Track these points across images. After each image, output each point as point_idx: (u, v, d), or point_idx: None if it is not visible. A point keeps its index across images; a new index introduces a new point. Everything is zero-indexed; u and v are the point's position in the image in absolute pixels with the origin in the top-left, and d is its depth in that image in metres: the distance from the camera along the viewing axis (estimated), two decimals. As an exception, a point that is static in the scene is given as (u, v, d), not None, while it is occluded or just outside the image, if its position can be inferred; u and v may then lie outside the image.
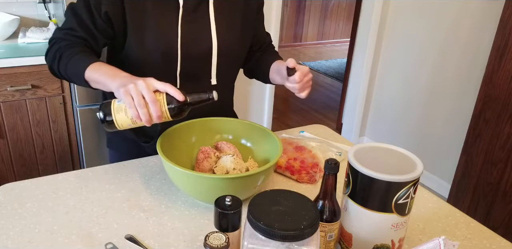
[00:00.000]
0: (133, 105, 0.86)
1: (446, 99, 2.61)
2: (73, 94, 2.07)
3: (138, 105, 0.86)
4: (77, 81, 1.05)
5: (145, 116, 0.87)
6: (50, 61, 1.10)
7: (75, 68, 1.03)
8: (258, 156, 1.13)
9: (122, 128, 0.92)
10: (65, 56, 1.05)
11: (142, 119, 0.88)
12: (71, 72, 1.05)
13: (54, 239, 0.88)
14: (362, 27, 3.02)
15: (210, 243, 0.71)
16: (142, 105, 0.86)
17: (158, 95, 0.89)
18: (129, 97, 0.87)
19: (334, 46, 6.31)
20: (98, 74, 0.99)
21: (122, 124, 0.90)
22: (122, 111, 0.89)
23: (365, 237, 0.80)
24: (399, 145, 0.86)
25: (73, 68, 1.04)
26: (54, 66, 1.09)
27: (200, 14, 1.13)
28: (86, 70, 1.00)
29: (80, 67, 1.02)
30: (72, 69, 1.04)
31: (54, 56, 1.08)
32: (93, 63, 1.01)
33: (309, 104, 4.19)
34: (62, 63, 1.06)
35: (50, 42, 1.11)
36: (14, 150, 2.08)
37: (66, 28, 1.10)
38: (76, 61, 1.04)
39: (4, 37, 2.18)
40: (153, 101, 0.87)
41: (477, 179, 2.12)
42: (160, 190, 1.06)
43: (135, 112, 0.87)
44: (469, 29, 2.41)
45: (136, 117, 0.88)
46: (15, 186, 1.05)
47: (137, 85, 0.87)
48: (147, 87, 0.87)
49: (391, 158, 0.83)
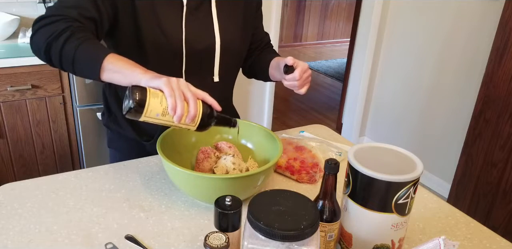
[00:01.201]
0: (173, 95, 0.82)
1: (446, 99, 2.61)
2: (73, 94, 2.07)
3: (179, 97, 0.82)
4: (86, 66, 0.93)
5: (181, 110, 0.82)
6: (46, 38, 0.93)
7: (90, 52, 0.93)
8: (258, 156, 1.13)
9: (146, 117, 0.84)
10: (76, 37, 0.93)
11: (177, 112, 0.82)
12: (82, 55, 0.92)
13: (54, 239, 0.88)
14: (362, 27, 3.02)
15: (210, 243, 0.71)
16: (183, 98, 0.83)
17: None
18: (171, 87, 0.82)
19: (334, 46, 6.31)
20: (124, 63, 0.90)
21: (151, 111, 0.82)
22: (158, 98, 0.83)
23: (365, 237, 0.80)
24: (399, 145, 0.86)
25: (88, 52, 0.93)
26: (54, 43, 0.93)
27: (203, 12, 1.15)
28: (107, 55, 0.91)
29: (99, 52, 0.92)
30: (84, 52, 0.92)
31: (58, 35, 0.93)
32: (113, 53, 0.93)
33: (309, 104, 4.19)
34: (70, 44, 0.92)
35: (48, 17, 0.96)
36: (14, 150, 2.08)
37: (76, 6, 0.98)
38: (92, 45, 0.94)
39: (4, 37, 2.18)
40: (194, 99, 0.84)
41: (477, 179, 2.12)
42: (160, 190, 1.06)
43: (173, 102, 0.82)
44: (469, 29, 2.41)
45: (172, 108, 0.82)
46: (15, 186, 1.05)
47: (180, 81, 0.85)
48: (189, 87, 0.86)
49: (391, 158, 0.83)
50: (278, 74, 1.18)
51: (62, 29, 0.93)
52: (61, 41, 0.92)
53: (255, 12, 1.27)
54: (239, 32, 1.22)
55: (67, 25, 0.94)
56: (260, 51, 1.34)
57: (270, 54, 1.29)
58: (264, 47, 1.35)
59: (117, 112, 1.27)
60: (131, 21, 1.08)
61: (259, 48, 1.34)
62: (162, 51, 1.12)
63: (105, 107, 1.32)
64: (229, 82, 1.31)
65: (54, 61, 0.96)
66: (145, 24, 1.09)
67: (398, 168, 0.80)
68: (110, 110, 1.30)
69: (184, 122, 0.85)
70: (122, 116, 1.24)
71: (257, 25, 1.31)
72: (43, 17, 0.97)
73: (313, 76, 5.02)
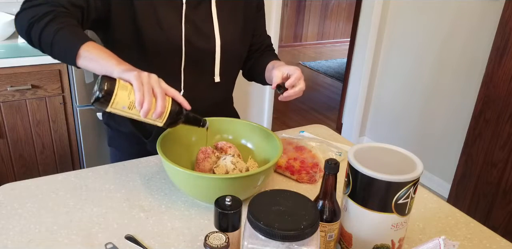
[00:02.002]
0: (141, 89, 0.81)
1: (446, 99, 2.61)
2: (73, 94, 2.07)
3: (147, 92, 0.81)
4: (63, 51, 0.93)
5: (148, 105, 0.81)
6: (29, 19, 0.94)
7: (69, 37, 0.92)
8: (258, 156, 1.13)
9: (112, 108, 0.83)
10: (59, 21, 0.93)
11: (144, 107, 0.81)
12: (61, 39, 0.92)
13: (54, 239, 0.88)
14: (362, 27, 3.02)
15: (210, 243, 0.71)
16: (151, 93, 0.82)
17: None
18: (140, 81, 0.82)
19: (334, 46, 6.32)
20: (101, 52, 0.90)
21: (117, 103, 0.82)
22: (126, 90, 0.82)
23: (365, 237, 0.80)
24: (399, 145, 0.86)
25: (67, 37, 0.92)
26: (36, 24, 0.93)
27: (203, 12, 1.15)
28: (85, 43, 0.91)
29: (78, 38, 0.92)
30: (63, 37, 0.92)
31: (41, 17, 0.94)
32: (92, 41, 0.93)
33: (309, 104, 4.19)
34: (51, 27, 0.92)
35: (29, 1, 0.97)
36: (14, 150, 2.08)
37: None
38: (73, 31, 0.93)
39: (4, 37, 2.18)
40: (163, 96, 0.83)
41: (477, 179, 2.12)
42: (160, 190, 1.06)
43: (141, 97, 0.81)
44: (469, 29, 2.41)
45: (139, 102, 0.81)
46: (15, 186, 1.05)
47: (151, 76, 0.84)
48: (160, 83, 0.85)
49: (391, 158, 0.83)
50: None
51: (46, 12, 0.94)
52: (43, 23, 0.93)
53: (255, 13, 1.27)
54: (239, 32, 1.21)
55: (51, 9, 0.95)
56: (260, 53, 1.33)
57: (269, 57, 1.28)
58: (264, 50, 1.35)
59: None
60: (130, 20, 1.09)
61: (259, 51, 1.33)
62: (162, 50, 1.12)
63: None
64: (230, 83, 1.31)
65: (34, 42, 0.96)
66: (144, 23, 1.09)
67: (398, 168, 0.80)
68: None
69: (151, 118, 0.84)
70: None
71: (257, 26, 1.30)
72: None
73: (313, 76, 5.03)
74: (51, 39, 0.93)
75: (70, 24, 0.95)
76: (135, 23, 1.09)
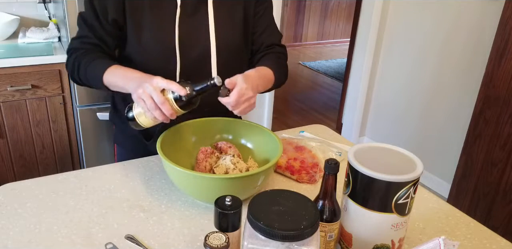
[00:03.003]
0: (146, 109, 0.94)
1: (446, 99, 2.61)
2: (73, 94, 2.07)
3: (152, 109, 0.93)
4: (98, 87, 1.11)
5: (161, 116, 0.94)
6: (70, 71, 1.16)
7: (93, 75, 1.09)
8: (258, 156, 1.13)
9: (148, 127, 1.02)
10: (82, 64, 1.11)
11: (160, 119, 0.95)
12: (91, 79, 1.11)
13: (54, 239, 0.88)
14: (362, 27, 3.02)
15: (210, 243, 0.71)
16: (154, 108, 0.93)
17: (166, 93, 0.94)
18: (142, 102, 0.94)
19: (334, 46, 6.32)
20: (114, 80, 1.06)
21: (147, 125, 1.01)
22: (142, 115, 0.99)
23: (365, 237, 0.80)
24: (399, 145, 0.86)
25: (92, 75, 1.10)
26: (74, 75, 1.15)
27: (199, 12, 1.13)
28: (103, 76, 1.07)
29: (97, 73, 1.08)
30: (91, 76, 1.11)
31: (73, 66, 1.14)
32: (108, 67, 1.07)
33: (309, 104, 4.19)
34: (82, 72, 1.12)
35: (68, 52, 1.17)
36: (14, 150, 2.08)
37: (79, 37, 1.15)
38: (93, 68, 1.10)
39: (4, 37, 2.18)
40: (162, 103, 0.92)
41: (477, 179, 2.12)
42: (160, 190, 1.06)
43: (151, 115, 0.95)
44: (469, 29, 2.41)
45: (153, 118, 0.96)
46: (15, 186, 1.05)
47: (145, 89, 0.93)
48: (155, 89, 0.93)
49: (391, 158, 0.83)
50: None
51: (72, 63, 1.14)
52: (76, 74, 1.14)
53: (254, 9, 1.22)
54: (239, 32, 1.19)
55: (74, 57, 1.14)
56: (262, 55, 1.26)
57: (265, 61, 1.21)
58: (263, 50, 1.27)
59: (122, 109, 1.27)
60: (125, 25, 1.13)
61: (259, 51, 1.27)
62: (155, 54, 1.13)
63: (111, 103, 1.33)
64: None
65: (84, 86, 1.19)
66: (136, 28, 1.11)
67: (398, 168, 0.80)
68: (116, 106, 1.31)
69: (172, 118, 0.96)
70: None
71: (257, 24, 1.24)
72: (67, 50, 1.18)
73: (313, 76, 5.03)
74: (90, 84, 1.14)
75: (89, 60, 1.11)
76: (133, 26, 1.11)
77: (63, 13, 1.90)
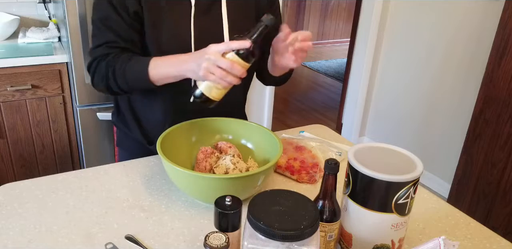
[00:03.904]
0: (218, 79, 0.91)
1: (446, 99, 2.61)
2: (73, 94, 2.07)
3: (223, 77, 0.91)
4: (142, 86, 1.06)
5: (234, 80, 0.92)
6: (104, 82, 1.08)
7: (135, 74, 1.04)
8: (258, 156, 1.13)
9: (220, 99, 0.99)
10: (117, 68, 1.05)
11: (233, 83, 0.93)
12: (133, 80, 1.06)
13: (54, 239, 0.88)
14: (362, 27, 3.02)
15: (210, 243, 0.71)
16: (224, 75, 0.91)
17: (229, 55, 0.92)
18: (211, 75, 0.91)
19: (334, 46, 6.31)
20: (164, 70, 1.01)
21: (219, 97, 0.98)
22: (213, 89, 0.96)
23: (365, 237, 0.80)
24: (399, 145, 0.86)
25: (134, 75, 1.05)
26: (111, 83, 1.08)
27: (213, 12, 1.13)
28: (148, 72, 1.02)
29: (141, 71, 1.03)
30: (133, 77, 1.05)
31: (106, 74, 1.07)
32: (149, 63, 1.03)
33: (309, 104, 4.19)
34: (119, 77, 1.06)
35: (91, 64, 1.10)
36: (14, 150, 2.08)
37: (102, 44, 1.08)
38: (132, 68, 1.04)
39: (4, 37, 2.18)
40: (231, 66, 0.90)
41: (477, 179, 2.12)
42: (160, 190, 1.06)
43: (224, 83, 0.92)
44: (469, 29, 2.41)
45: (226, 86, 0.93)
46: (15, 186, 1.05)
47: (208, 61, 0.91)
48: (216, 57, 0.90)
49: (391, 158, 0.83)
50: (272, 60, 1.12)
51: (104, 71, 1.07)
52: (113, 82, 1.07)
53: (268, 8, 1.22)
54: None
55: (105, 64, 1.07)
56: None
57: None
58: None
59: (126, 112, 1.27)
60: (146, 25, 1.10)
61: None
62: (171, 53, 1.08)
63: (115, 106, 1.32)
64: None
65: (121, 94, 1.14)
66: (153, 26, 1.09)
67: (398, 168, 0.80)
68: (119, 109, 1.30)
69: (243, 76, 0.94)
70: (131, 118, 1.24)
71: None
72: (90, 63, 1.11)
73: (313, 76, 5.03)
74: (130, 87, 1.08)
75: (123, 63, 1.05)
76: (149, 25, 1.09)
77: (63, 13, 1.90)
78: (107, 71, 1.07)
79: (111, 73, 1.06)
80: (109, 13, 1.07)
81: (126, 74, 1.05)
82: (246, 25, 1.17)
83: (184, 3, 1.10)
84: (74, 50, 1.90)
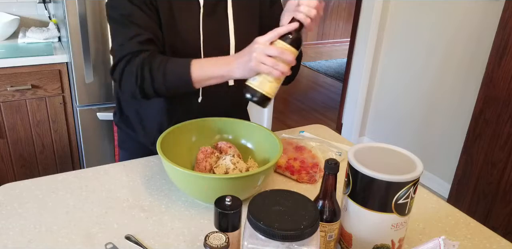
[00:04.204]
0: (271, 69, 0.90)
1: (446, 99, 2.61)
2: (73, 94, 2.07)
3: (275, 66, 0.90)
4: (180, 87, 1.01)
5: (285, 68, 0.91)
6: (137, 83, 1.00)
7: (176, 76, 0.99)
8: (258, 156, 1.13)
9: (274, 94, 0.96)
10: (155, 68, 0.99)
11: (284, 72, 0.91)
12: (172, 81, 1.00)
13: (54, 239, 0.88)
14: (362, 27, 3.02)
15: (210, 243, 0.71)
16: (276, 63, 0.90)
17: (276, 43, 0.92)
18: (263, 65, 0.90)
19: (334, 46, 6.31)
20: (209, 70, 0.98)
21: (273, 92, 0.95)
22: (266, 83, 0.94)
23: (365, 237, 0.80)
24: (399, 145, 0.86)
25: (174, 77, 0.99)
26: (145, 84, 1.00)
27: (219, 13, 1.13)
28: (191, 73, 0.98)
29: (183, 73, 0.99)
30: (172, 79, 0.99)
31: (141, 74, 1.00)
32: (190, 63, 0.99)
33: (309, 104, 4.19)
34: (157, 77, 0.99)
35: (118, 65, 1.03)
36: (14, 150, 2.08)
37: (130, 38, 1.01)
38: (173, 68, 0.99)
39: (4, 37, 2.18)
40: (280, 53, 0.90)
41: (477, 179, 2.12)
42: (160, 190, 1.06)
43: (278, 73, 0.90)
44: (469, 29, 2.41)
45: (279, 75, 0.91)
46: (15, 186, 1.05)
47: (257, 53, 0.90)
48: (265, 46, 0.90)
49: (391, 158, 0.83)
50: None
51: (137, 70, 1.00)
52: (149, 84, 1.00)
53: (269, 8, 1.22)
54: (255, 33, 1.18)
55: (139, 62, 1.00)
56: None
57: None
58: None
59: (129, 113, 1.26)
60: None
61: None
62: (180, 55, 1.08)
63: (117, 108, 1.31)
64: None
65: (152, 97, 1.05)
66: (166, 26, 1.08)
67: (398, 168, 0.80)
68: (122, 111, 1.29)
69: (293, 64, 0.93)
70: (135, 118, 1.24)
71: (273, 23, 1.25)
72: (115, 64, 1.03)
73: (313, 76, 5.03)
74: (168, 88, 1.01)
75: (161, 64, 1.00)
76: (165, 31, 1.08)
77: (63, 13, 1.90)
78: (142, 70, 0.99)
79: (147, 72, 0.99)
80: (133, 10, 1.02)
81: (166, 74, 0.99)
82: (251, 25, 1.18)
83: (194, 3, 1.10)
84: (74, 50, 1.90)
